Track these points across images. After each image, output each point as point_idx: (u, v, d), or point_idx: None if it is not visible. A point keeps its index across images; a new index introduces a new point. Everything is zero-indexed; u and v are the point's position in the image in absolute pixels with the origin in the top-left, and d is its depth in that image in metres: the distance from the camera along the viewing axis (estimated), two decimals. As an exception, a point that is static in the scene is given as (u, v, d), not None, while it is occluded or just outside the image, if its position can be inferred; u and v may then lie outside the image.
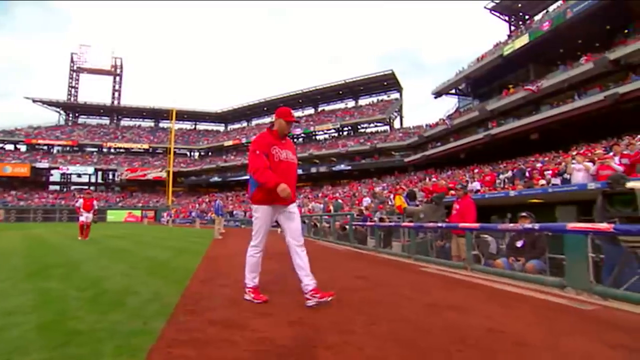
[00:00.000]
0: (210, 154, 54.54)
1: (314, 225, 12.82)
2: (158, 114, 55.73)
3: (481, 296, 3.06)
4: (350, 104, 47.28)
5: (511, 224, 4.14)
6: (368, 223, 7.62)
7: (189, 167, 51.77)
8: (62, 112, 53.94)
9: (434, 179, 24.29)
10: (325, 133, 45.03)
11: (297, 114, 46.76)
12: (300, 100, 48.18)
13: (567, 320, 2.44)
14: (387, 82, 43.23)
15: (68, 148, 49.84)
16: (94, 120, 55.95)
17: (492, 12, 32.05)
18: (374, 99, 45.37)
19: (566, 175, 8.24)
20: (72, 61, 54.41)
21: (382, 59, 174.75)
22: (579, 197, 6.02)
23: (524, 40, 24.51)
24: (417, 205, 8.05)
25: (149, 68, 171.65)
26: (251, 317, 2.48)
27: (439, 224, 4.94)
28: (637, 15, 20.05)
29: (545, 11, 27.29)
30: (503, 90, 27.51)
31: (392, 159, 36.30)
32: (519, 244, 4.65)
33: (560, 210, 6.09)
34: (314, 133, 46.45)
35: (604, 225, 2.76)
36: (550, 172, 9.59)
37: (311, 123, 46.19)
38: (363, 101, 46.11)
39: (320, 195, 32.32)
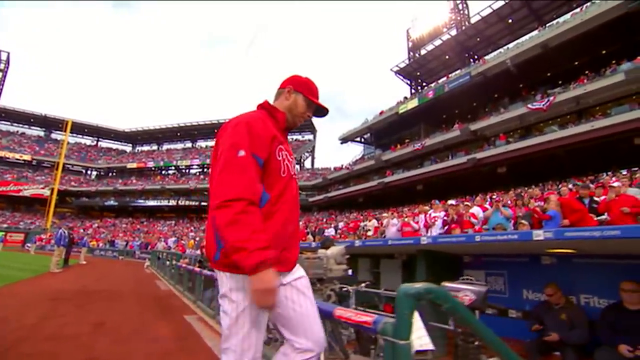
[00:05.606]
0: (111, 174, 49.36)
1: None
2: (51, 124, 49.16)
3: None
4: (266, 141, 47.62)
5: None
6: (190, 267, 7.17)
7: (82, 187, 45.81)
8: None
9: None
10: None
11: (211, 144, 45.58)
12: (216, 130, 46.93)
13: None
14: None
15: None
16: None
17: (397, 74, 36.27)
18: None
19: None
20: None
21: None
22: (372, 252, 6.83)
23: (414, 103, 27.94)
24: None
25: (56, 75, 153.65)
26: None
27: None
28: (492, 99, 24.49)
29: (436, 82, 31.75)
30: (401, 142, 30.51)
31: (298, 198, 36.81)
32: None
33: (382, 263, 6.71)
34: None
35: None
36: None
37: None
38: (278, 139, 46.94)
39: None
